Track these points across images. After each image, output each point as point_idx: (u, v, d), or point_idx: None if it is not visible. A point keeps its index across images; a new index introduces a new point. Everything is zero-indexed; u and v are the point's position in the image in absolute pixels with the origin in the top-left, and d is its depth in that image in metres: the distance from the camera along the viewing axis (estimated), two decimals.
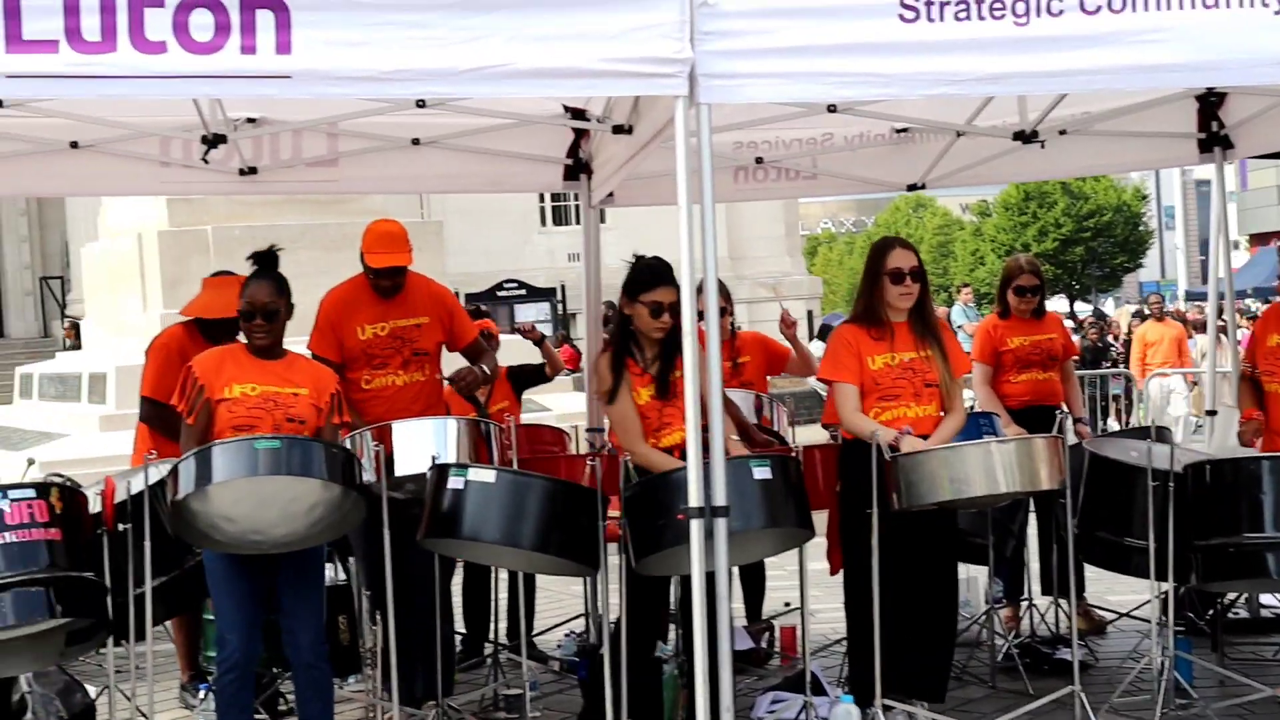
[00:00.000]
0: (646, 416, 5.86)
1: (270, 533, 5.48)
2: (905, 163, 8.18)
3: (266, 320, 5.60)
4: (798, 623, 7.56)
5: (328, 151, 7.69)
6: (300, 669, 5.68)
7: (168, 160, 7.62)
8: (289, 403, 5.56)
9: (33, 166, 7.58)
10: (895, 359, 6.02)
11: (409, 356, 6.52)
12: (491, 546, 5.72)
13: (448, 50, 4.76)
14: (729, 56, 4.90)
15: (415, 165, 7.78)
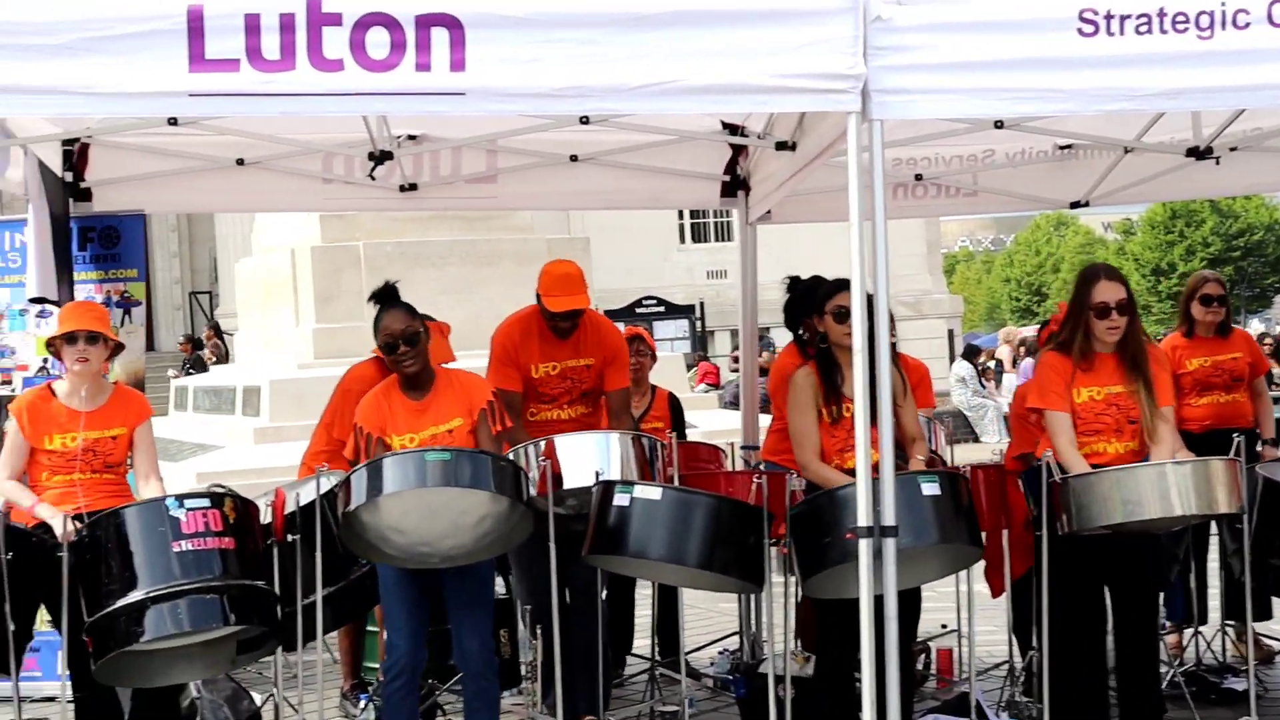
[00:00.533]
0: (834, 435, 5.82)
1: (438, 545, 5.53)
2: (1068, 180, 8.05)
3: (410, 345, 5.67)
4: (954, 645, 7.51)
5: (487, 168, 7.76)
6: (469, 678, 5.73)
7: (330, 177, 7.75)
8: (445, 442, 5.63)
9: (200, 183, 7.75)
10: (1100, 393, 5.86)
11: (576, 396, 6.55)
12: (655, 563, 5.71)
13: (619, 66, 4.78)
14: (903, 72, 4.87)
15: (573, 182, 7.82)
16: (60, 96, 4.77)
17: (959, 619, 7.34)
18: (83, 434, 5.81)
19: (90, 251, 7.78)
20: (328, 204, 8.49)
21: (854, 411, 5.65)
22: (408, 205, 7.96)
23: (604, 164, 7.74)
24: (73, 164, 7.57)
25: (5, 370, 7.96)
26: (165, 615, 5.34)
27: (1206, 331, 7.50)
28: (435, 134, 7.41)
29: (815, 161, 5.97)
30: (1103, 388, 5.87)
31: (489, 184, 7.82)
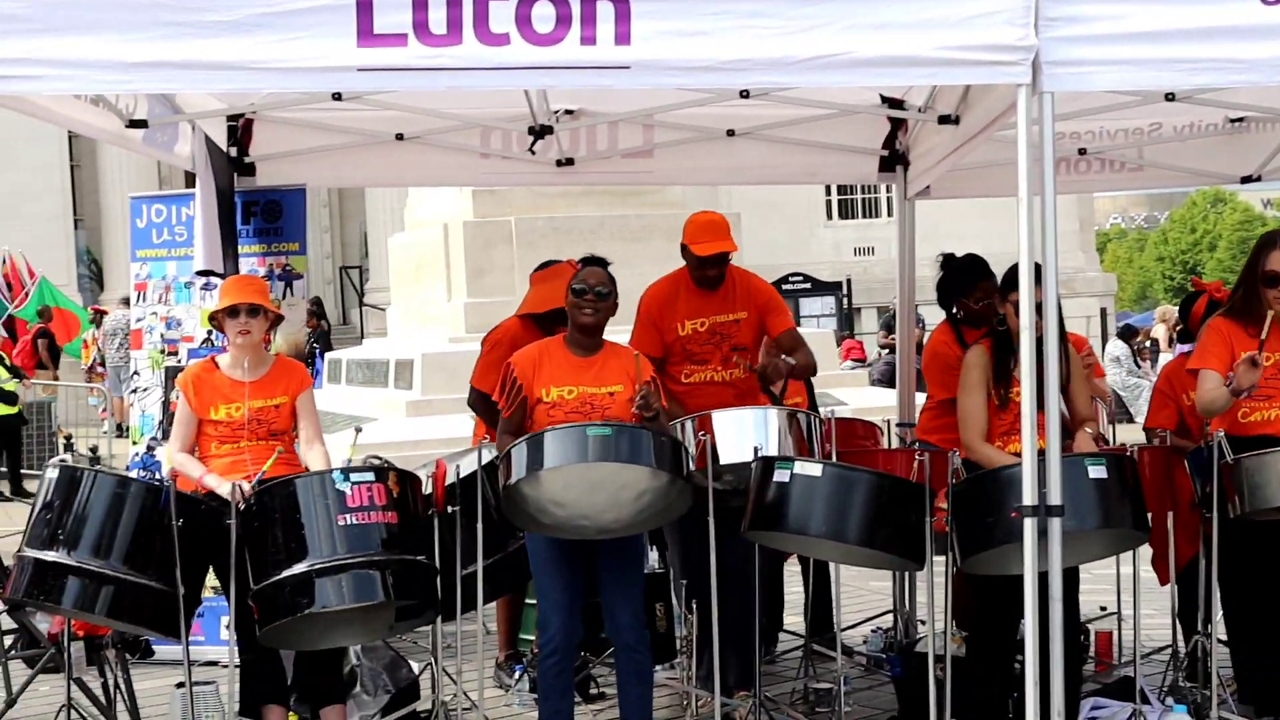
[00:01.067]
0: (1001, 419, 5.75)
1: (598, 518, 5.56)
2: (1239, 154, 7.85)
3: (598, 299, 5.66)
4: (1113, 628, 7.38)
5: (643, 143, 7.76)
6: (622, 651, 5.74)
7: (487, 151, 7.81)
8: (605, 404, 5.63)
9: (360, 158, 7.86)
10: (1270, 359, 5.76)
11: (727, 353, 6.50)
12: (814, 539, 5.68)
13: (786, 39, 4.72)
14: (1075, 43, 4.76)
15: (729, 156, 7.79)
16: (232, 72, 4.83)
17: (1118, 601, 7.22)
18: (247, 404, 5.92)
19: (253, 225, 7.94)
20: (485, 178, 8.57)
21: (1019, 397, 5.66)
22: (564, 180, 7.99)
23: (761, 139, 7.70)
24: (237, 139, 7.73)
25: (171, 342, 8.14)
26: (328, 588, 5.43)
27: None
28: (593, 108, 7.43)
29: (980, 135, 5.87)
30: (1273, 354, 5.76)
31: (645, 159, 7.82)
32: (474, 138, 7.70)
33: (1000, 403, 5.76)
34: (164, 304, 8.18)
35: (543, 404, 5.64)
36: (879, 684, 7.06)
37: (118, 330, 22.07)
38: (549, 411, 5.62)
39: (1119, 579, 7.13)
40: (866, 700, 6.84)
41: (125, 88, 5.80)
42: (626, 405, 5.63)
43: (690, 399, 6.42)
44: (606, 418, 5.57)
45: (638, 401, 5.56)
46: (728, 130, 7.62)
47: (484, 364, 6.84)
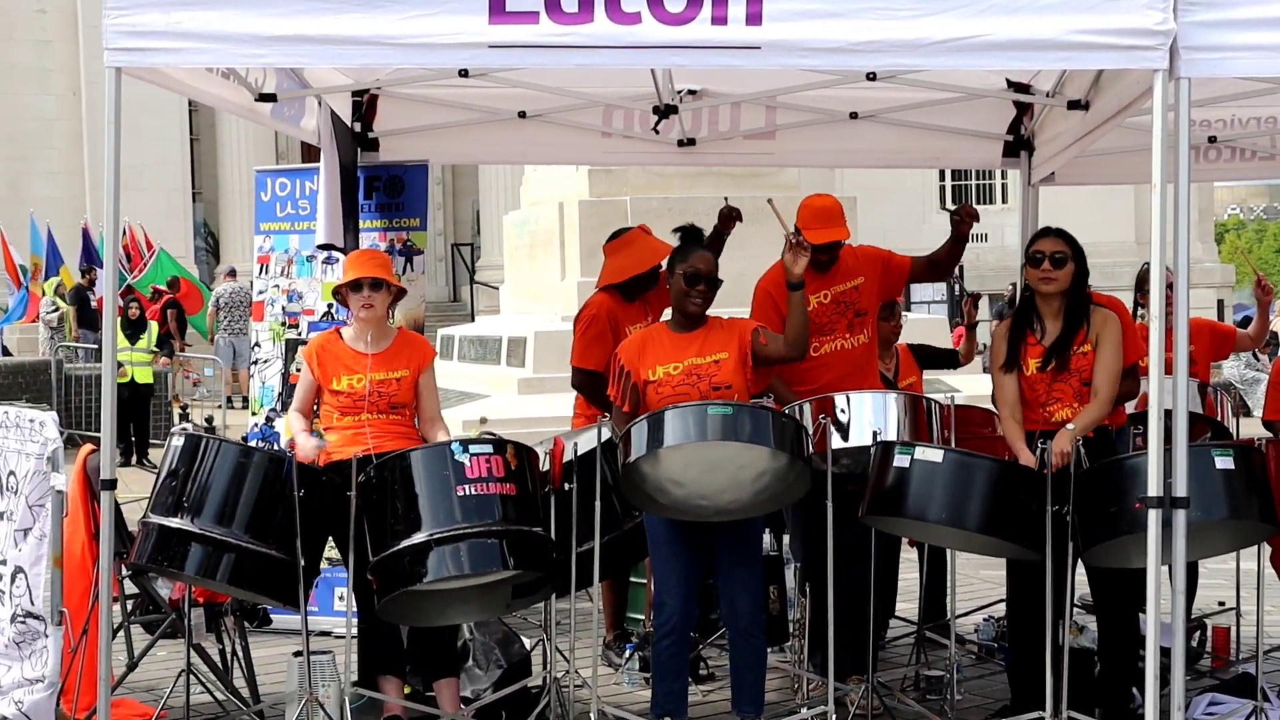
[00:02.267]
0: (1035, 389, 5.71)
1: (716, 499, 5.56)
2: None
3: (709, 287, 5.71)
4: (1231, 624, 7.26)
5: (765, 124, 7.73)
6: (737, 634, 5.74)
7: (609, 131, 7.82)
8: (711, 372, 5.64)
9: (482, 135, 7.91)
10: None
11: (852, 319, 6.49)
12: (933, 525, 5.64)
13: (918, 22, 4.71)
14: (1214, 28, 4.71)
15: (851, 140, 7.75)
16: (366, 48, 4.90)
17: (1237, 596, 7.10)
18: (369, 375, 5.98)
19: (376, 200, 8.01)
20: (605, 158, 8.58)
21: (1041, 365, 5.67)
22: (684, 160, 7.99)
23: (884, 122, 7.64)
24: (362, 114, 7.80)
25: (293, 314, 8.25)
26: (447, 557, 5.48)
27: None
28: (716, 89, 7.41)
29: (1111, 121, 5.80)
30: None
31: (767, 140, 7.79)
32: (596, 116, 7.72)
33: (1039, 368, 5.72)
34: (286, 277, 8.29)
35: (651, 384, 5.67)
36: (991, 673, 7.01)
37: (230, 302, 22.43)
38: (657, 390, 5.65)
39: (1239, 573, 7.00)
40: (978, 689, 6.79)
41: (261, 61, 5.89)
42: (735, 370, 5.63)
43: (820, 372, 6.40)
44: (715, 384, 5.59)
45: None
46: (850, 113, 7.57)
47: (582, 343, 6.89)
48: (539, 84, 7.18)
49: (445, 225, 35.49)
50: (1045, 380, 5.72)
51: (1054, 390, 5.71)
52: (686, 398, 5.59)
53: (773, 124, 7.72)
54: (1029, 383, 5.74)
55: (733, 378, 5.64)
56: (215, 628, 6.41)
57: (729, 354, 5.68)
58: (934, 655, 6.93)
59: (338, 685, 5.76)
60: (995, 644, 7.32)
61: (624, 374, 5.73)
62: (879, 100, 7.47)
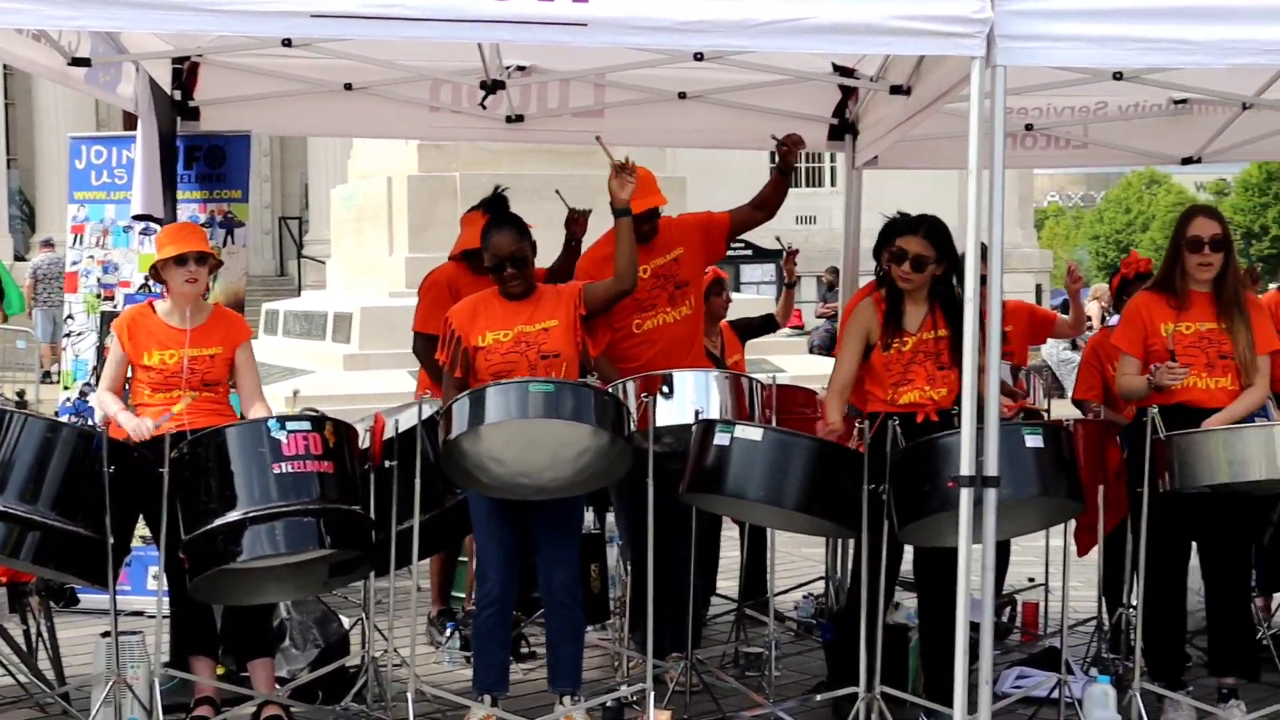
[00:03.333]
0: (889, 369, 5.80)
1: (537, 477, 5.54)
2: (1182, 135, 7.91)
3: (517, 268, 5.70)
4: (1040, 599, 7.46)
5: (594, 102, 7.71)
6: (554, 609, 5.75)
7: (437, 105, 7.72)
8: (540, 340, 5.66)
9: (307, 106, 7.75)
10: (1190, 328, 5.90)
11: (673, 292, 6.51)
12: (752, 504, 5.69)
13: (746, 3, 4.71)
14: (1030, 18, 4.78)
15: (680, 119, 7.75)
16: (183, 13, 4.74)
17: (1046, 573, 7.29)
18: (184, 351, 5.84)
19: (196, 170, 7.82)
20: (434, 132, 8.48)
21: (908, 348, 5.76)
22: (512, 136, 7.91)
23: (712, 102, 7.67)
24: (182, 82, 7.60)
25: (108, 286, 8.03)
26: (262, 536, 5.38)
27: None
28: (545, 65, 7.37)
29: (931, 107, 5.88)
30: (1194, 324, 5.90)
31: (595, 118, 7.76)
32: (423, 90, 7.62)
33: (884, 347, 5.81)
34: (101, 248, 8.06)
35: (480, 350, 5.66)
36: (809, 649, 7.11)
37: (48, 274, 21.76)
38: (486, 356, 5.65)
39: (1048, 551, 7.20)
40: (796, 665, 6.88)
41: (73, 24, 5.69)
42: (564, 337, 5.63)
43: (645, 349, 6.42)
44: (544, 351, 5.60)
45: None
46: (679, 93, 7.58)
47: (424, 307, 6.85)
48: (365, 55, 7.07)
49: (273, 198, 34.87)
50: (903, 361, 5.79)
51: (909, 372, 5.78)
52: (515, 366, 5.59)
53: (601, 102, 7.70)
54: (885, 361, 5.81)
55: (561, 345, 5.65)
56: (19, 608, 6.22)
57: (558, 321, 5.70)
58: (753, 632, 7.01)
59: (147, 666, 5.63)
60: (814, 621, 7.42)
61: (454, 338, 5.71)
62: (707, 80, 7.49)
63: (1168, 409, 5.82)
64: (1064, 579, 6.25)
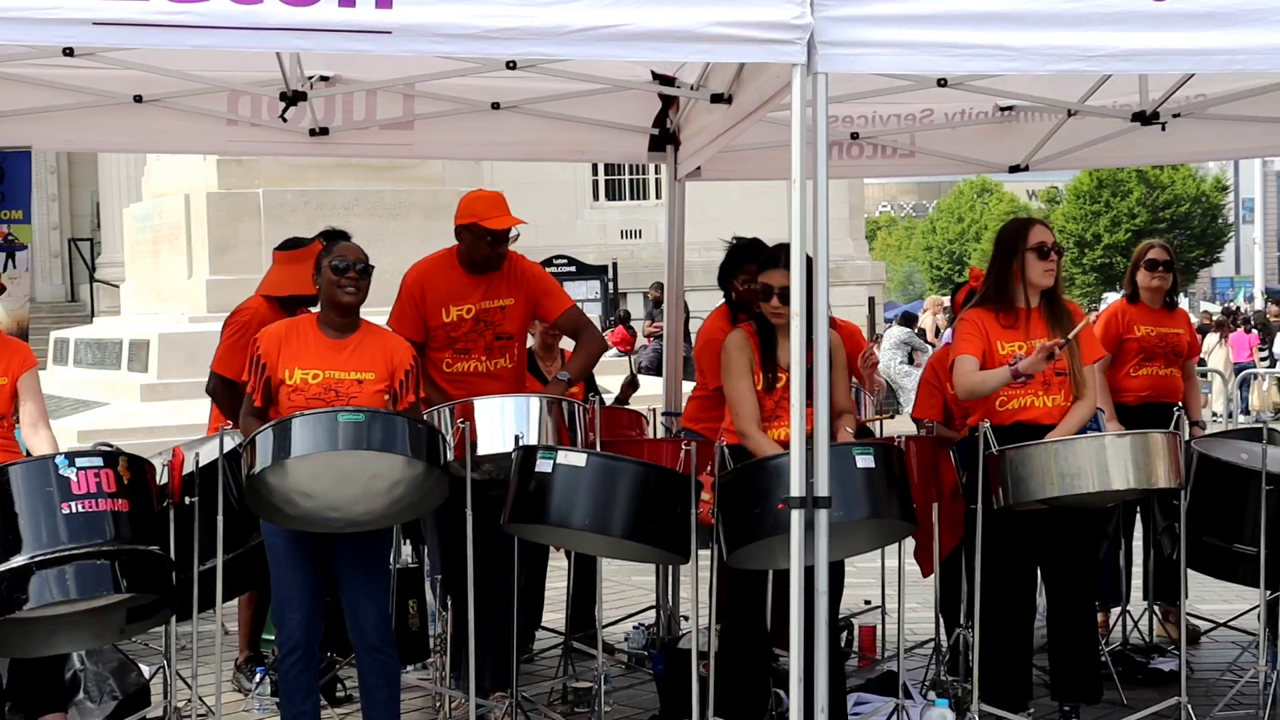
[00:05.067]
0: (765, 404, 5.63)
1: (348, 510, 5.27)
2: (1009, 143, 7.87)
3: (360, 275, 5.40)
4: (877, 622, 7.34)
5: (403, 113, 7.41)
6: (365, 652, 5.46)
7: (235, 118, 7.36)
8: (351, 392, 5.33)
9: (94, 120, 7.32)
10: (1024, 347, 5.81)
11: (491, 341, 6.26)
12: (577, 532, 5.47)
13: (557, 9, 4.53)
14: (851, 24, 4.66)
15: (494, 131, 7.50)
16: None
17: (883, 595, 7.18)
18: None
19: None
20: (232, 146, 8.09)
21: (787, 380, 5.52)
22: (317, 151, 7.58)
23: (527, 113, 7.42)
24: None
25: None
26: (51, 582, 5.02)
27: (1153, 301, 7.33)
28: (349, 75, 7.06)
29: (752, 116, 5.72)
30: (1027, 341, 5.81)
31: (405, 130, 7.47)
32: (220, 102, 7.24)
33: (766, 386, 5.65)
34: None
35: (285, 386, 5.32)
36: (640, 681, 6.90)
37: None
38: (290, 396, 5.31)
39: (884, 572, 7.09)
40: (628, 699, 6.66)
41: None
42: (375, 395, 5.32)
43: (453, 391, 6.16)
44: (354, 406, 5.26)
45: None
46: (492, 103, 7.33)
47: (226, 347, 6.45)
48: (156, 66, 6.67)
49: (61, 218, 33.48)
50: (775, 397, 5.64)
51: (779, 408, 5.61)
52: None
53: (411, 113, 7.40)
54: (763, 396, 5.66)
55: (373, 402, 5.31)
56: None
57: (375, 375, 5.37)
58: (582, 666, 6.80)
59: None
60: (645, 652, 7.21)
61: (260, 365, 5.36)
62: (522, 90, 7.25)
63: (1005, 429, 5.74)
64: (900, 601, 6.12)
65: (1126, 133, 7.33)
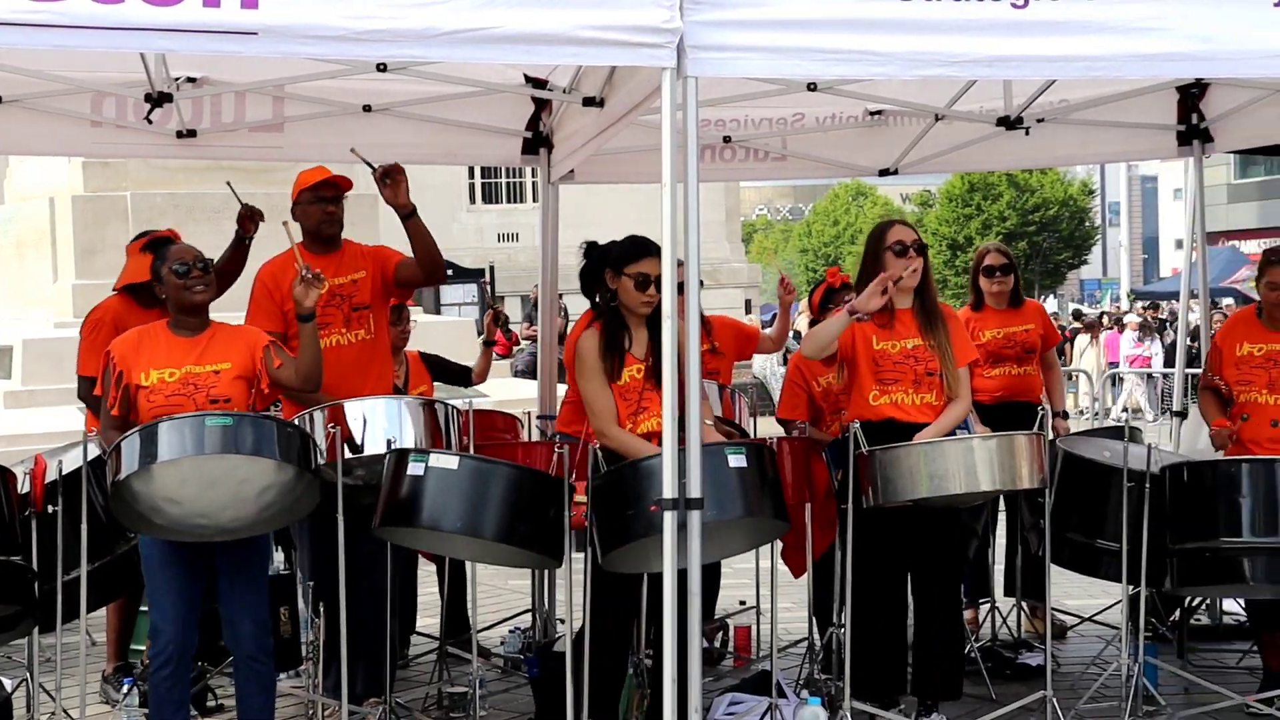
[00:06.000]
0: (625, 399, 5.62)
1: (217, 517, 5.17)
2: (879, 146, 7.97)
3: (205, 271, 5.32)
4: (753, 622, 7.38)
5: (273, 115, 7.33)
6: (242, 661, 5.38)
7: (99, 119, 7.23)
8: (209, 383, 5.25)
9: None
10: (897, 345, 5.88)
11: (349, 313, 6.20)
12: (450, 536, 5.44)
13: (427, 11, 4.51)
14: (720, 28, 4.69)
15: (365, 133, 7.39)
16: None
17: (758, 596, 7.22)
18: None
19: None
20: (97, 148, 7.97)
21: (640, 375, 5.61)
22: (185, 153, 7.44)
23: (399, 115, 7.38)
24: None
25: None
26: None
27: (996, 303, 7.42)
28: (217, 77, 6.96)
29: (624, 119, 5.75)
30: (899, 341, 5.90)
31: (274, 133, 7.39)
32: (84, 104, 7.09)
33: (612, 375, 5.63)
34: None
35: (143, 389, 5.24)
36: (516, 685, 6.86)
37: None
38: (149, 397, 5.22)
39: (758, 573, 7.13)
40: (503, 703, 6.63)
41: None
42: (234, 383, 5.26)
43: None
44: (213, 396, 5.21)
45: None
46: (364, 105, 7.28)
47: (86, 348, 6.36)
48: (14, 66, 6.51)
49: None
50: (637, 389, 5.61)
51: (644, 399, 5.60)
52: (180, 409, 5.17)
53: (281, 115, 7.32)
54: (620, 392, 5.62)
55: (232, 390, 5.25)
56: None
57: (231, 364, 5.29)
58: (457, 671, 6.74)
59: None
60: (521, 656, 7.18)
61: (116, 373, 5.27)
62: (394, 93, 7.21)
63: (876, 425, 5.81)
64: (773, 601, 6.16)
65: (992, 137, 7.47)
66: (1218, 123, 7.63)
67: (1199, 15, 4.77)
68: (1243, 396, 6.44)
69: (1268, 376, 6.35)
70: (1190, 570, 6.06)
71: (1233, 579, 6.08)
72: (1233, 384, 6.46)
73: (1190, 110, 7.64)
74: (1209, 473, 6.11)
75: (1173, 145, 7.84)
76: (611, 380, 5.62)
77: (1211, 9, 4.77)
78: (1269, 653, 6.49)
